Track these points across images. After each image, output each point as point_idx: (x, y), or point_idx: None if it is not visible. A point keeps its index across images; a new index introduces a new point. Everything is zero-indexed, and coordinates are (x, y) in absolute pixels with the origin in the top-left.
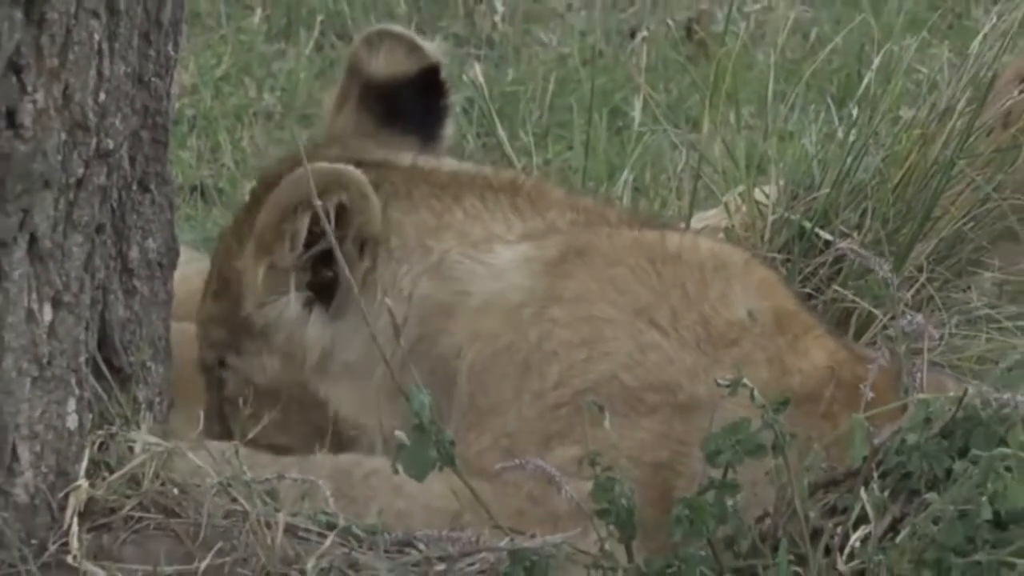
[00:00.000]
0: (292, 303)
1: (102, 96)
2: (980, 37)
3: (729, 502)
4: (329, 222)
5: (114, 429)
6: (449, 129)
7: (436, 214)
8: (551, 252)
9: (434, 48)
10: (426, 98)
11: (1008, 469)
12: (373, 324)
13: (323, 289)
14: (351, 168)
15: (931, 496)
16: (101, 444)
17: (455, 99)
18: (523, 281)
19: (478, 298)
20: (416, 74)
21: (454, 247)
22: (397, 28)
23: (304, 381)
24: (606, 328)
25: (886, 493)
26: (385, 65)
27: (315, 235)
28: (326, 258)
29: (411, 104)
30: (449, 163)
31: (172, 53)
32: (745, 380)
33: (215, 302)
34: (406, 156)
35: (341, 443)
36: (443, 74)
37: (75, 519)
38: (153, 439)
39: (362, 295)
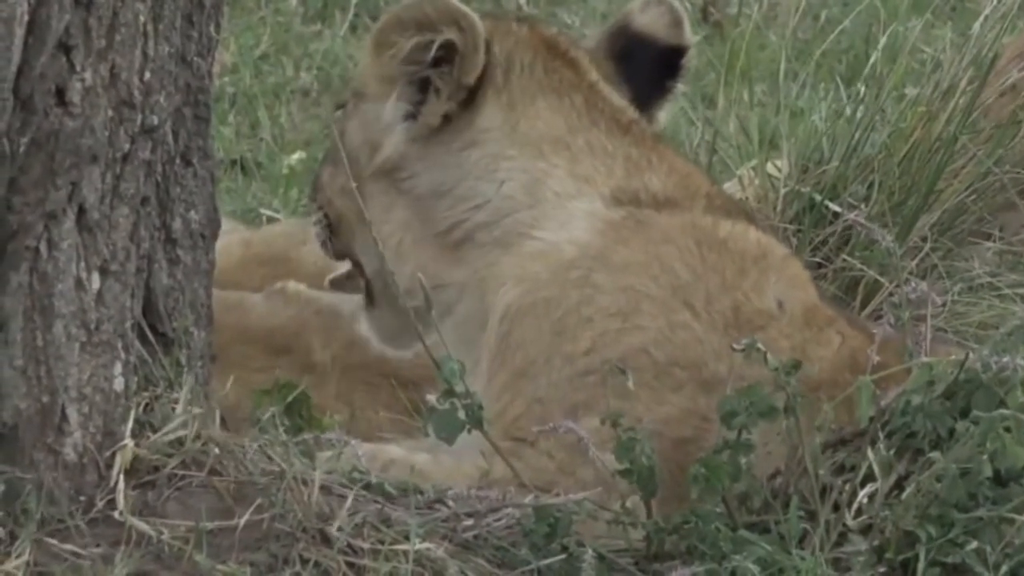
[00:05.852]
0: (390, 107)
1: (147, 75)
2: (981, 19)
3: (743, 461)
4: (429, 52)
5: (158, 391)
6: (663, 113)
7: (569, 127)
8: (616, 215)
9: (691, 35)
10: (661, 74)
11: (1007, 429)
12: (457, 170)
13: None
14: (473, 14)
15: (934, 455)
16: (146, 405)
17: (682, 88)
18: (581, 235)
19: (536, 245)
20: (665, 44)
21: (560, 168)
22: (676, 2)
23: (360, 170)
24: (644, 302)
25: (892, 452)
26: (647, 22)
27: (424, 59)
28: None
29: (646, 68)
30: (610, 91)
31: (213, 34)
32: (759, 344)
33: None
34: (593, 71)
35: (338, 230)
36: (685, 61)
37: (121, 477)
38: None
39: (457, 141)
